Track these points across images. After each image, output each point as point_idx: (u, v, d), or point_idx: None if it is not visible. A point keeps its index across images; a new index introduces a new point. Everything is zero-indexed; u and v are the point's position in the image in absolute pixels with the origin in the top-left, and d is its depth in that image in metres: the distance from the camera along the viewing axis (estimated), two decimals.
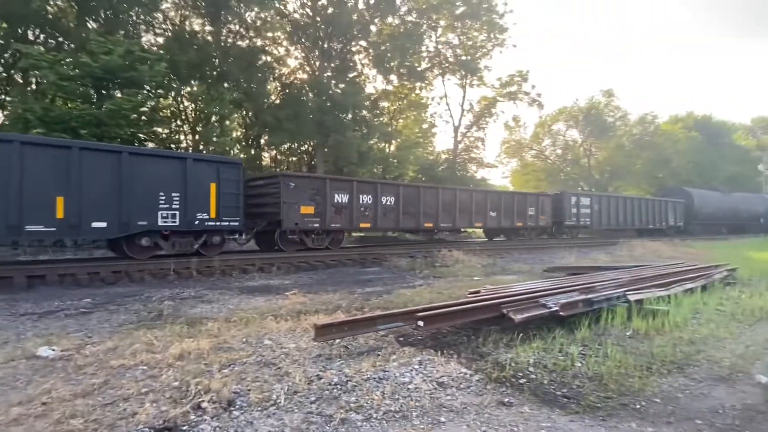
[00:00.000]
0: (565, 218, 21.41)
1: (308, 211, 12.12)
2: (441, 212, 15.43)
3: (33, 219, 8.13)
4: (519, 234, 20.06)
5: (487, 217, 17.67)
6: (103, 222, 8.88)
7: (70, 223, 8.49)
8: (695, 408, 3.06)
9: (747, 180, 53.78)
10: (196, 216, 9.92)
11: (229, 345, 4.20)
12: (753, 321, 5.57)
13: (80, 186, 8.59)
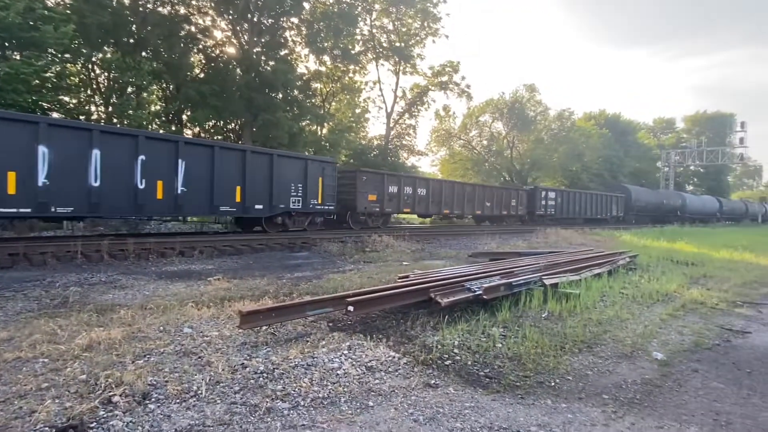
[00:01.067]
0: (537, 209, 26.12)
1: (372, 198, 16.01)
2: (455, 202, 20.01)
3: (224, 202, 11.20)
4: (503, 221, 24.24)
5: (484, 206, 22.22)
6: (261, 205, 12.10)
7: (245, 205, 11.65)
8: (602, 384, 3.33)
9: (647, 175, 59.48)
10: (310, 201, 13.44)
11: (144, 334, 3.92)
12: (650, 303, 6.16)
13: (249, 179, 11.73)
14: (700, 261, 11.15)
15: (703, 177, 72.53)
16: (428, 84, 33.13)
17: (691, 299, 6.51)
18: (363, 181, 15.61)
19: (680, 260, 11.17)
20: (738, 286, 8.00)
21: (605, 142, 46.34)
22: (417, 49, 31.17)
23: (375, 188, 16.02)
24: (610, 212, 32.69)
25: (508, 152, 41.53)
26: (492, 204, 22.88)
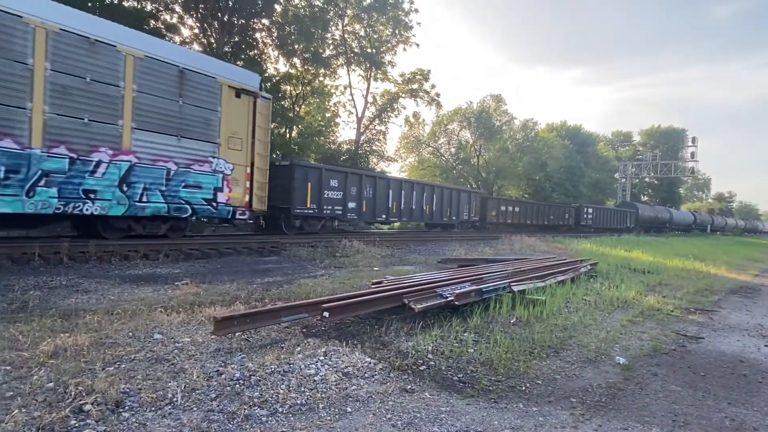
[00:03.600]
0: (581, 220, 35.64)
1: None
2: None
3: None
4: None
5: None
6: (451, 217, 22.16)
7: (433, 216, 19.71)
8: (570, 387, 3.47)
9: (606, 185, 61.86)
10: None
11: (112, 340, 3.80)
12: (611, 310, 6.44)
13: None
14: (655, 269, 11.71)
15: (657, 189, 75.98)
16: (399, 91, 33.44)
17: (648, 306, 6.84)
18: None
19: (637, 268, 11.70)
20: (691, 293, 8.46)
21: (567, 153, 47.90)
22: (388, 56, 31.43)
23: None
24: (626, 224, 41.73)
25: (475, 160, 42.33)
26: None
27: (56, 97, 8.13)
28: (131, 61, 9.04)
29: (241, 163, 11.04)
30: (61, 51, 8.17)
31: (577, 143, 53.23)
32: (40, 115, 7.92)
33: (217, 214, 10.80)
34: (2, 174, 7.52)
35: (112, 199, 8.93)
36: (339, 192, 15.51)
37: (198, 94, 10.17)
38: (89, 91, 8.52)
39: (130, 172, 9.13)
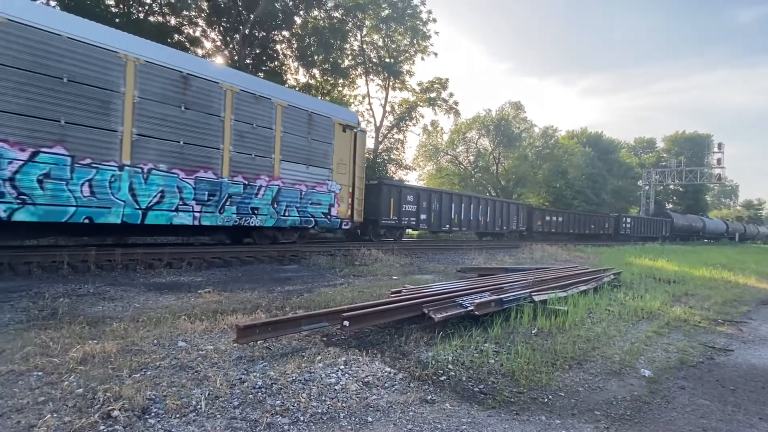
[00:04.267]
0: (620, 229, 37.73)
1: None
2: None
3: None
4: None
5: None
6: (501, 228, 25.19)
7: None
8: (594, 400, 3.41)
9: (629, 193, 60.78)
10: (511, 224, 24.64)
11: (138, 347, 3.89)
12: (636, 320, 6.30)
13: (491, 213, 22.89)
14: (681, 279, 11.41)
15: (682, 196, 74.32)
16: (417, 100, 33.57)
17: (674, 317, 6.67)
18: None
19: (662, 278, 11.42)
20: (719, 304, 8.22)
21: (588, 160, 47.30)
22: (406, 65, 31.62)
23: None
24: (661, 233, 43.72)
25: (494, 168, 42.07)
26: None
27: (236, 140, 10.90)
28: (280, 109, 11.94)
29: (345, 184, 13.83)
30: (240, 105, 10.98)
31: (598, 150, 52.57)
32: (227, 153, 10.72)
33: (330, 224, 13.50)
34: (206, 196, 10.26)
35: (267, 214, 11.63)
36: (414, 206, 18.58)
37: (319, 131, 13.02)
38: (255, 134, 11.33)
39: (278, 193, 11.91)
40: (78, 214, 8.36)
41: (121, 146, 8.91)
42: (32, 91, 7.80)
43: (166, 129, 9.57)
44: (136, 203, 9.13)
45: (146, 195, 9.28)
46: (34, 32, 7.80)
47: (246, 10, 23.26)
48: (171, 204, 9.67)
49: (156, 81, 9.40)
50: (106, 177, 8.72)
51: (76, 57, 8.29)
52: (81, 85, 8.35)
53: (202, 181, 10.17)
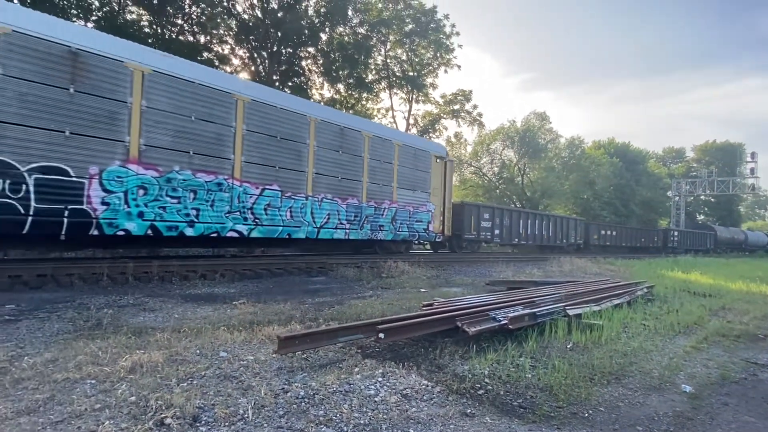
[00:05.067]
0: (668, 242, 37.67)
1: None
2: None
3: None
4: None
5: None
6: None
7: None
8: (635, 416, 3.37)
9: (659, 204, 59.25)
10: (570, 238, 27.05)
11: (183, 357, 4.03)
12: (672, 335, 6.16)
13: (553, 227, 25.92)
14: (716, 292, 11.08)
15: (714, 207, 72.15)
16: (440, 112, 33.71)
17: (712, 331, 6.50)
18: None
19: (697, 291, 11.11)
20: (758, 318, 7.95)
21: (616, 171, 46.44)
22: (429, 78, 31.84)
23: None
24: (705, 245, 44.85)
25: (519, 179, 41.70)
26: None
27: (371, 174, 14.07)
28: (397, 148, 15.17)
29: (438, 204, 16.88)
30: (374, 147, 14.20)
31: (626, 161, 51.57)
32: (365, 184, 13.86)
33: (428, 237, 16.51)
34: (353, 217, 13.38)
35: (388, 230, 14.68)
36: (489, 222, 21.28)
37: (421, 162, 16.12)
38: (381, 168, 14.51)
39: (395, 213, 14.96)
40: (283, 231, 11.52)
41: (307, 182, 12.10)
42: (264, 146, 11.06)
43: (331, 168, 12.79)
44: (314, 223, 12.27)
45: (320, 217, 12.46)
46: (271, 109, 11.27)
47: (273, 28, 23.90)
48: (333, 223, 12.87)
49: (326, 134, 12.66)
50: (299, 205, 11.89)
51: (285, 122, 11.57)
52: (287, 140, 11.58)
53: (351, 206, 13.40)
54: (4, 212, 7.35)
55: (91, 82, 8.28)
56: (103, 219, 8.48)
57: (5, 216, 7.36)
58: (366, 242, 14.86)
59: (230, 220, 10.37)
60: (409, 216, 15.43)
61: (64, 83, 7.97)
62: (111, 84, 8.53)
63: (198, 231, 9.83)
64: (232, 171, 10.41)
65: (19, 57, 7.49)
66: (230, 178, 10.37)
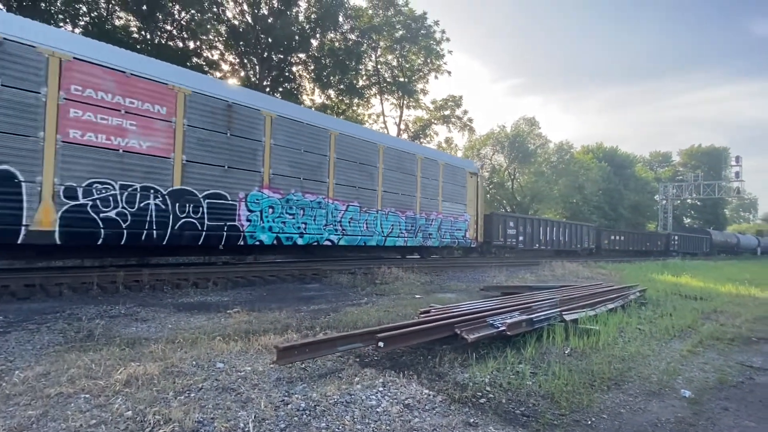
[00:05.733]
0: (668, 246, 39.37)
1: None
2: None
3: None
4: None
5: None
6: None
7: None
8: (637, 422, 3.36)
9: (646, 208, 59.93)
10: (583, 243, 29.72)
11: (179, 369, 3.95)
12: (668, 339, 6.19)
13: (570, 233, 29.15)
14: (707, 295, 11.19)
15: (701, 210, 73.14)
16: (431, 117, 33.85)
17: (707, 335, 6.55)
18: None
19: (688, 294, 11.21)
20: (750, 321, 8.03)
21: (604, 175, 46.94)
22: (420, 84, 31.97)
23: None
24: (701, 248, 47.02)
25: (509, 184, 41.95)
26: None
27: (423, 190, 16.55)
28: (441, 167, 17.55)
29: (473, 215, 19.31)
30: (425, 167, 16.73)
31: (614, 165, 52.15)
32: (419, 199, 16.33)
33: (465, 243, 18.94)
34: (410, 227, 15.69)
35: (435, 237, 17.01)
36: (514, 230, 23.75)
37: (458, 178, 18.57)
38: (430, 185, 16.93)
39: (441, 223, 17.32)
40: (361, 240, 13.84)
41: (377, 199, 14.54)
42: (348, 171, 13.54)
43: (394, 186, 15.19)
44: (383, 232, 14.63)
45: (387, 227, 14.78)
46: (353, 140, 13.81)
47: (264, 34, 23.84)
48: (396, 233, 15.20)
49: (390, 158, 15.13)
50: (372, 218, 14.26)
51: (362, 149, 14.12)
52: (363, 165, 14.08)
53: (408, 218, 15.73)
54: (191, 228, 9.74)
55: (240, 127, 10.64)
56: (247, 232, 10.81)
57: (191, 231, 9.74)
58: (417, 248, 17.14)
59: (326, 231, 12.78)
60: (451, 225, 17.85)
61: (224, 129, 10.34)
62: (251, 128, 10.90)
63: (305, 240, 12.21)
64: (327, 191, 12.90)
65: (197, 111, 9.85)
66: (326, 198, 12.85)
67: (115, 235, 8.62)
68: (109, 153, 8.55)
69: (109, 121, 8.57)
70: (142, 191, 8.96)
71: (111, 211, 8.55)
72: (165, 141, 9.30)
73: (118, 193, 8.66)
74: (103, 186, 8.47)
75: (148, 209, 9.05)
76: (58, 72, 7.91)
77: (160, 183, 9.23)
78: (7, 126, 7.40)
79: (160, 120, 9.24)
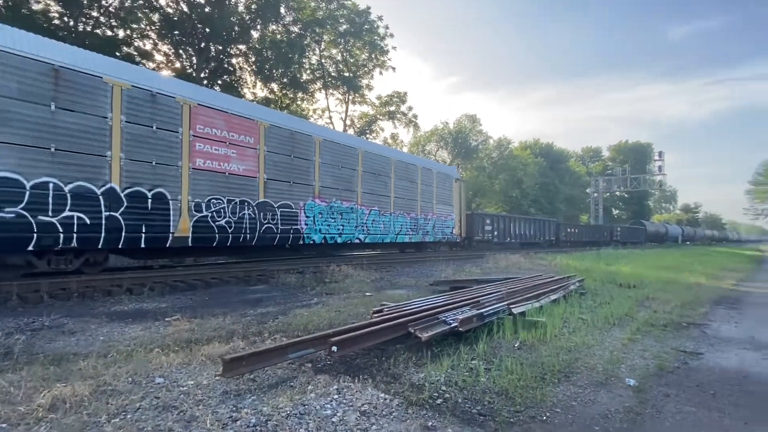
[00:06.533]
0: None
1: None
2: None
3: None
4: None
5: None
6: None
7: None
8: (590, 414, 3.44)
9: (579, 201, 63.32)
10: (545, 236, 34.07)
11: (113, 387, 3.60)
12: (609, 327, 6.49)
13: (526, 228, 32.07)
14: (640, 283, 11.91)
15: (628, 202, 78.19)
16: (376, 113, 33.80)
17: (642, 322, 6.93)
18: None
19: (622, 283, 11.89)
20: (679, 307, 8.61)
21: (541, 170, 49.04)
22: (365, 79, 31.81)
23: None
24: (637, 238, 51.50)
25: None
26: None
27: (422, 195, 19.64)
28: (434, 174, 20.66)
29: (457, 214, 22.55)
30: (424, 176, 19.91)
31: (550, 160, 54.58)
32: (419, 202, 19.38)
33: (452, 239, 21.99)
34: (414, 226, 18.57)
35: (431, 234, 20.07)
36: (490, 226, 27.15)
37: (447, 183, 21.71)
38: (427, 190, 19.96)
39: (435, 222, 20.41)
40: (380, 238, 16.80)
41: (391, 204, 17.52)
42: (371, 181, 16.42)
43: (402, 193, 18.26)
44: (395, 231, 17.72)
45: (397, 227, 17.84)
46: (372, 155, 16.56)
47: (201, 24, 22.72)
48: (404, 231, 18.30)
49: (399, 169, 18.15)
50: (387, 219, 17.23)
51: (380, 163, 17.04)
52: (380, 176, 17.06)
53: (412, 219, 18.79)
54: (270, 232, 12.23)
55: (299, 150, 13.34)
56: (305, 234, 13.42)
57: (270, 234, 12.22)
58: (417, 244, 20.12)
59: (356, 231, 15.54)
60: (442, 224, 20.89)
61: (288, 152, 12.99)
62: (306, 150, 13.62)
63: (343, 239, 14.94)
64: (357, 199, 15.68)
65: (273, 139, 12.47)
66: (356, 204, 15.63)
67: (224, 238, 11.01)
68: (219, 175, 11.01)
69: (219, 151, 11.03)
70: (240, 204, 11.44)
71: (222, 220, 11.01)
72: (253, 164, 11.90)
73: (226, 206, 11.11)
74: (217, 201, 10.91)
75: (244, 218, 11.53)
76: (188, 116, 10.36)
77: (251, 197, 11.76)
78: (160, 158, 9.78)
79: (249, 148, 11.82)
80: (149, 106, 9.53)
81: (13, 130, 7.61)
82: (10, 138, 7.56)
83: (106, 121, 8.79)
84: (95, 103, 8.63)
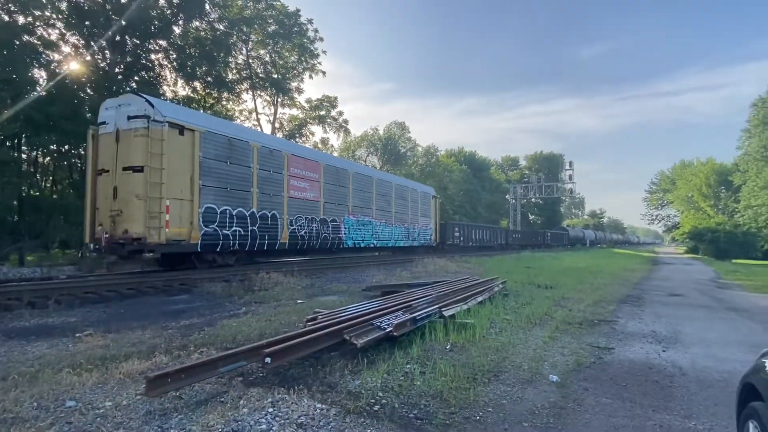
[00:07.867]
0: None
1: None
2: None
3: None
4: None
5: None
6: None
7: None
8: (519, 411, 3.62)
9: (500, 207, 66.71)
10: (496, 240, 41.26)
11: (15, 414, 3.21)
12: (530, 327, 6.88)
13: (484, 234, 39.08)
14: (556, 284, 12.77)
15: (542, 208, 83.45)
16: (306, 117, 33.37)
17: (560, 320, 7.43)
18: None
19: (540, 284, 12.68)
20: (590, 305, 9.34)
21: (465, 177, 51.07)
22: (295, 82, 31.31)
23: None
24: (561, 242, 58.65)
25: None
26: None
27: (411, 209, 24.95)
28: (419, 194, 26.34)
29: (434, 224, 27.56)
30: (413, 194, 25.52)
31: (473, 168, 57.02)
32: (410, 215, 24.66)
33: (430, 243, 26.78)
34: (407, 234, 24.06)
35: (417, 240, 25.03)
36: (458, 233, 32.88)
37: (426, 200, 26.98)
38: (414, 206, 25.21)
39: (419, 230, 25.42)
40: (386, 243, 22.05)
41: (392, 217, 22.32)
42: (381, 200, 21.47)
43: (399, 208, 23.06)
44: (395, 239, 22.61)
45: (396, 235, 22.72)
46: (380, 182, 21.86)
47: (116, 15, 21.11)
48: (401, 238, 23.09)
49: (398, 190, 23.37)
50: (390, 229, 22.12)
51: (384, 186, 22.05)
52: (384, 196, 21.98)
53: (405, 228, 23.50)
54: (326, 239, 16.98)
55: (341, 180, 18.24)
56: (345, 240, 18.13)
57: (326, 241, 16.99)
58: (407, 248, 24.25)
59: (372, 238, 20.35)
60: (424, 231, 25.99)
61: (335, 182, 17.78)
62: (345, 180, 18.54)
63: (364, 244, 19.65)
64: (372, 214, 20.50)
65: (329, 174, 17.34)
66: (372, 218, 20.43)
67: (303, 244, 15.61)
68: (300, 201, 15.60)
69: (300, 184, 15.64)
70: (310, 220, 16.08)
71: (302, 231, 15.54)
72: (317, 192, 16.60)
73: (304, 222, 15.69)
74: (299, 218, 15.44)
75: (313, 229, 16.16)
76: (287, 162, 14.98)
77: (316, 215, 16.45)
78: (273, 191, 14.37)
79: (314, 181, 16.47)
80: (269, 157, 14.23)
81: (212, 178, 12.02)
82: (211, 182, 11.96)
83: (250, 169, 13.37)
84: (246, 159, 13.23)
